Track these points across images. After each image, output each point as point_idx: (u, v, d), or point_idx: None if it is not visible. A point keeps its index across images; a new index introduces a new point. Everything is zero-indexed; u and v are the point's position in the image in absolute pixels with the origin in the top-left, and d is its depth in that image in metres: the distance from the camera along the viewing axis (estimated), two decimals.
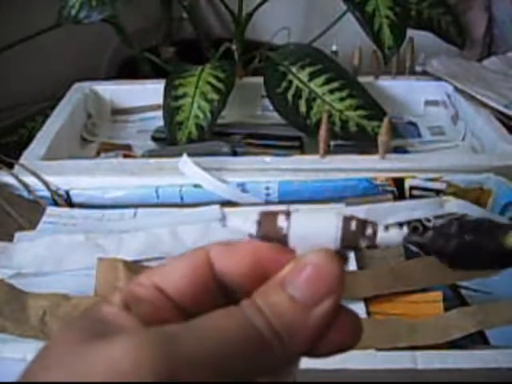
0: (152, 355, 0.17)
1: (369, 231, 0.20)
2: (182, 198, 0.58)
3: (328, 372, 0.38)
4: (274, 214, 0.21)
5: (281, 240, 0.20)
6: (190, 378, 0.17)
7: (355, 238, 0.20)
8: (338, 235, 0.20)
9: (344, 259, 0.20)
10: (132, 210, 0.57)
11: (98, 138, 0.76)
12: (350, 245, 0.20)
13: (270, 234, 0.20)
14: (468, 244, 0.19)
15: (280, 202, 0.58)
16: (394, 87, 0.80)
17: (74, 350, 0.18)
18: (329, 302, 0.19)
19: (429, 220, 0.57)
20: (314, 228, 0.20)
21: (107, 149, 0.73)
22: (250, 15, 0.81)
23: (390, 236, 0.20)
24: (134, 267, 0.47)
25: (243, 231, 0.21)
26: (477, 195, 0.57)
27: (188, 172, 0.58)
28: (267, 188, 0.58)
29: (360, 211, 0.53)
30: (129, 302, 0.20)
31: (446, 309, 0.44)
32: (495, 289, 0.48)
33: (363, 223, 0.20)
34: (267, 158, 0.61)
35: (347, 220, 0.20)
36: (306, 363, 0.20)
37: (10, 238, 0.52)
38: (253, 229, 0.21)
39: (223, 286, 0.21)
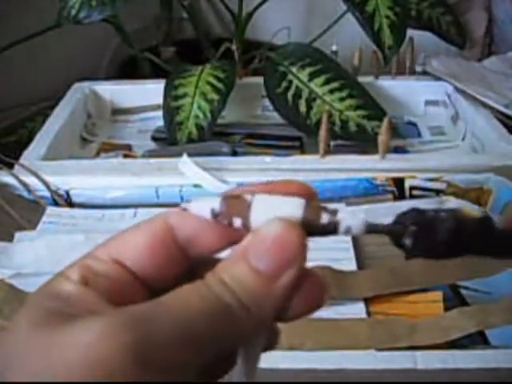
0: (128, 340, 0.16)
1: (329, 209, 0.20)
2: (181, 198, 0.58)
3: (328, 372, 0.38)
4: (238, 195, 0.21)
5: (244, 213, 0.20)
6: (166, 359, 0.17)
7: (317, 213, 0.20)
8: (300, 211, 0.20)
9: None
10: (132, 210, 0.57)
11: (97, 138, 0.76)
12: (313, 221, 0.20)
13: (234, 206, 0.20)
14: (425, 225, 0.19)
15: None
16: (394, 87, 0.80)
17: (42, 335, 0.17)
18: (292, 271, 0.19)
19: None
20: (277, 202, 0.20)
21: (107, 149, 0.73)
22: (250, 15, 0.81)
23: (351, 216, 0.20)
24: None
25: (206, 208, 0.21)
26: (477, 195, 0.57)
27: (188, 172, 0.58)
28: None
29: (360, 211, 0.53)
30: (87, 278, 0.19)
31: (446, 309, 0.44)
32: (495, 289, 0.48)
33: (322, 210, 0.20)
34: (267, 158, 0.61)
35: (307, 208, 0.20)
36: (306, 363, 0.20)
37: (10, 238, 0.52)
38: (216, 204, 0.21)
39: (187, 250, 0.21)
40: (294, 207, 0.20)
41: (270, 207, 0.20)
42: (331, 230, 0.20)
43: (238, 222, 0.20)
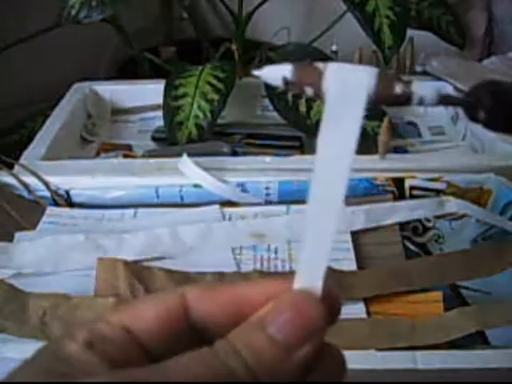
0: None
1: (402, 80, 0.20)
2: (182, 198, 0.58)
3: None
4: (310, 64, 0.20)
5: (316, 81, 0.20)
6: None
7: (390, 82, 0.19)
8: (373, 79, 0.19)
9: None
10: (132, 210, 0.57)
11: (98, 137, 0.76)
12: (386, 91, 0.19)
13: (306, 75, 0.20)
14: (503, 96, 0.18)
15: (280, 202, 0.58)
16: None
17: None
18: (311, 344, 0.19)
19: (429, 220, 0.58)
20: (350, 70, 0.20)
21: (107, 149, 0.73)
22: (250, 15, 0.81)
23: (424, 87, 0.19)
24: (134, 267, 0.47)
25: (277, 76, 0.20)
26: (477, 195, 0.57)
27: (188, 172, 0.58)
28: (267, 188, 0.58)
29: (360, 211, 0.53)
30: (93, 340, 0.19)
31: (446, 309, 0.44)
32: (495, 289, 0.48)
33: (396, 80, 0.19)
34: (267, 158, 0.61)
35: (381, 76, 0.19)
36: None
37: (10, 238, 0.52)
38: (288, 72, 0.20)
39: (200, 330, 0.21)
40: (366, 75, 0.19)
41: (342, 75, 0.19)
42: (404, 100, 0.19)
43: (309, 91, 0.20)
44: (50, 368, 0.18)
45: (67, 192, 0.58)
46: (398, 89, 0.19)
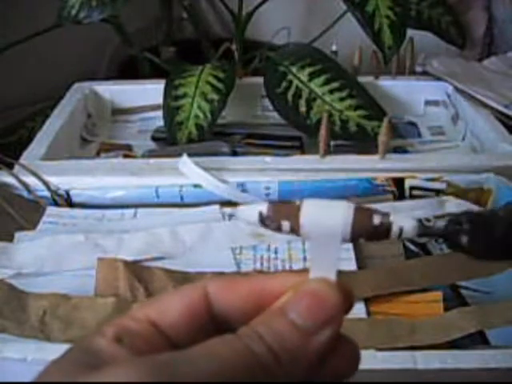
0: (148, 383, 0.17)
1: (381, 211, 0.20)
2: (182, 198, 0.58)
3: None
4: (286, 201, 0.21)
5: (293, 217, 0.20)
6: None
7: (368, 215, 0.20)
8: (349, 222, 0.20)
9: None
10: (132, 210, 0.57)
11: (98, 137, 0.76)
12: (363, 224, 0.20)
13: (282, 210, 0.20)
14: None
15: None
16: (394, 87, 0.80)
17: (68, 379, 0.18)
18: (330, 329, 0.19)
19: (429, 220, 0.58)
20: (325, 216, 0.20)
21: (107, 149, 0.73)
22: (250, 15, 0.81)
23: (403, 218, 0.20)
24: (134, 267, 0.47)
25: (254, 213, 0.21)
26: (477, 195, 0.57)
27: (188, 172, 0.58)
28: (267, 188, 0.58)
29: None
30: (121, 336, 0.20)
31: (446, 309, 0.44)
32: (495, 289, 0.48)
33: (373, 212, 0.20)
34: (267, 158, 0.61)
35: (358, 210, 0.20)
36: None
37: (10, 238, 0.52)
38: (264, 208, 0.21)
39: (223, 322, 0.21)
40: (344, 209, 0.20)
41: (319, 210, 0.20)
42: (383, 231, 0.20)
43: (286, 226, 0.20)
44: (80, 361, 0.18)
45: (67, 192, 0.58)
46: (377, 220, 0.20)
